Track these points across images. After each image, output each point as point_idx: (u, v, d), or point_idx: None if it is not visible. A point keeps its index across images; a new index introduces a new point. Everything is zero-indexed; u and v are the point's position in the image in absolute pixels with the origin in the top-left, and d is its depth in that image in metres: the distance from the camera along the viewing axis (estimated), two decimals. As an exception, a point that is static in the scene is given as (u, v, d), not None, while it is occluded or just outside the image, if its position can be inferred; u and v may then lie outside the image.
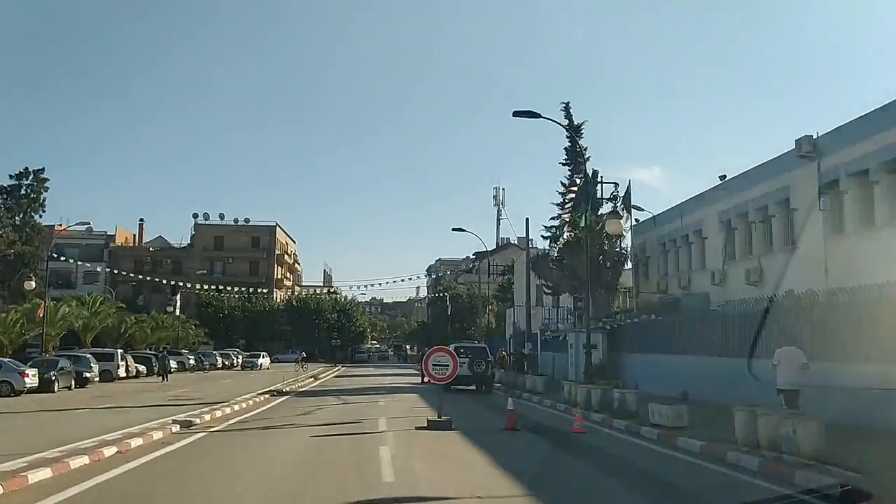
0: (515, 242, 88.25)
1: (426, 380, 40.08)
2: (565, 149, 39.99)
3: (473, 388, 30.89)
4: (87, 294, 55.09)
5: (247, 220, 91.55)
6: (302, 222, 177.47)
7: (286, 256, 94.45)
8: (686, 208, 33.32)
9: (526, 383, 29.80)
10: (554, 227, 40.04)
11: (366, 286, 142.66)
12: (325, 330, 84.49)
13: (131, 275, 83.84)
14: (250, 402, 23.71)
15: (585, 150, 39.42)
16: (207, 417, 18.54)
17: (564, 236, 38.81)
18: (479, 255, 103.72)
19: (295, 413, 20.84)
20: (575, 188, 38.39)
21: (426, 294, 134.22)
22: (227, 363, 64.05)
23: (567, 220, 36.70)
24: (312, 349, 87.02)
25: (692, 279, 32.08)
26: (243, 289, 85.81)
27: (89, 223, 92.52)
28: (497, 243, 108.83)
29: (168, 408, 21.85)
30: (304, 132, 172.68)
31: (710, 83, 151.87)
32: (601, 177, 37.33)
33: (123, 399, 27.34)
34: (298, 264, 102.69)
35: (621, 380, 25.53)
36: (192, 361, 58.66)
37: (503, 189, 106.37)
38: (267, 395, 26.87)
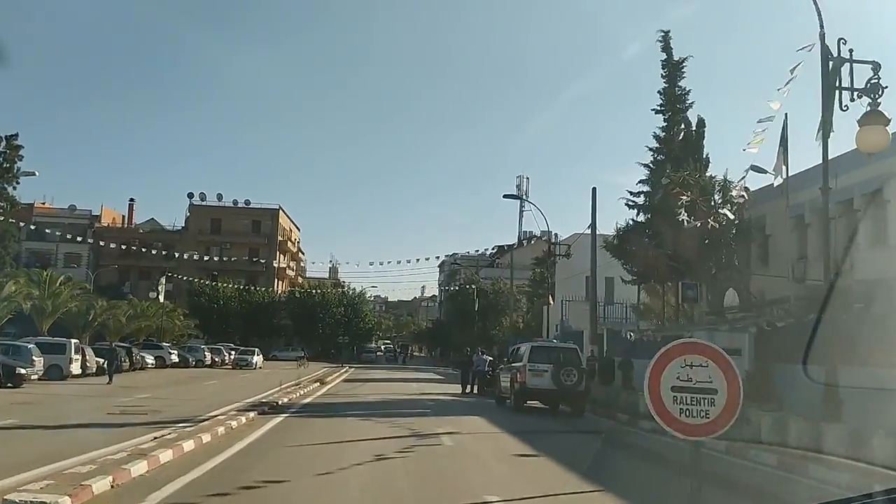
0: (538, 235, 79.03)
1: (469, 389, 31.15)
2: (659, 91, 30.70)
3: (553, 406, 21.40)
4: (44, 271, 45.37)
5: (247, 203, 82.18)
6: (307, 217, 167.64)
7: (289, 244, 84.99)
8: (848, 164, 23.47)
9: (639, 405, 19.87)
10: (643, 192, 30.45)
11: (373, 285, 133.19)
12: (331, 326, 75.02)
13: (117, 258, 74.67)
14: (221, 429, 14.06)
15: (687, 92, 30.13)
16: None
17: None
18: (501, 249, 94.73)
19: (301, 473, 10.25)
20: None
21: (437, 291, 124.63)
22: (217, 360, 54.65)
23: (666, 179, 26.98)
24: (315, 347, 77.82)
25: (858, 260, 22.31)
26: (241, 279, 76.59)
27: (74, 205, 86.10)
28: (519, 237, 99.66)
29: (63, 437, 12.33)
30: (308, 126, 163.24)
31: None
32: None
33: (29, 413, 17.87)
34: (302, 253, 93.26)
35: (779, 401, 16.64)
36: (174, 357, 49.16)
37: (527, 178, 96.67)
38: (254, 414, 17.21)
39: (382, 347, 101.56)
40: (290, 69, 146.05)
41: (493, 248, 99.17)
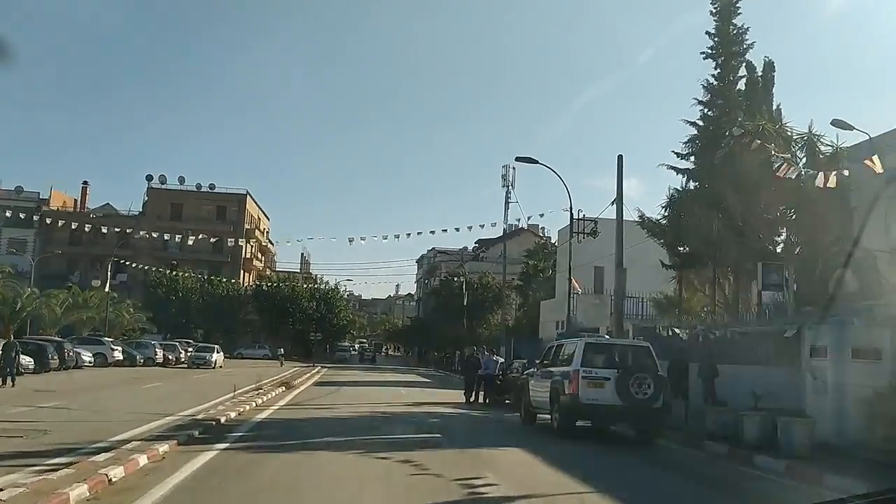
0: (526, 228, 73.04)
1: (473, 397, 24.39)
2: (709, 32, 24.68)
3: (614, 428, 15.19)
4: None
5: (212, 187, 75.08)
6: (277, 209, 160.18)
7: (258, 233, 77.94)
8: None
9: (744, 429, 13.38)
10: (691, 152, 24.40)
11: (348, 279, 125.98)
12: (302, 322, 68.22)
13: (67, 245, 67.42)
14: (82, 490, 7.52)
15: (745, 30, 24.14)
16: None
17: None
18: (485, 243, 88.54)
19: None
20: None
21: (415, 288, 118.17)
22: (171, 358, 47.69)
23: (738, 128, 20.83)
24: (285, 345, 70.93)
25: None
26: (203, 270, 69.63)
27: (21, 186, 78.49)
28: (504, 230, 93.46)
29: None
30: (283, 120, 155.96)
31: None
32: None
33: None
34: (272, 244, 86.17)
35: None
36: (117, 354, 42.20)
37: (513, 168, 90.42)
38: (168, 446, 10.69)
39: (356, 346, 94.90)
40: (270, 60, 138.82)
41: (475, 243, 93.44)
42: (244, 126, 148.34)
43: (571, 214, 27.75)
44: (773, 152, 18.68)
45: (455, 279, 64.44)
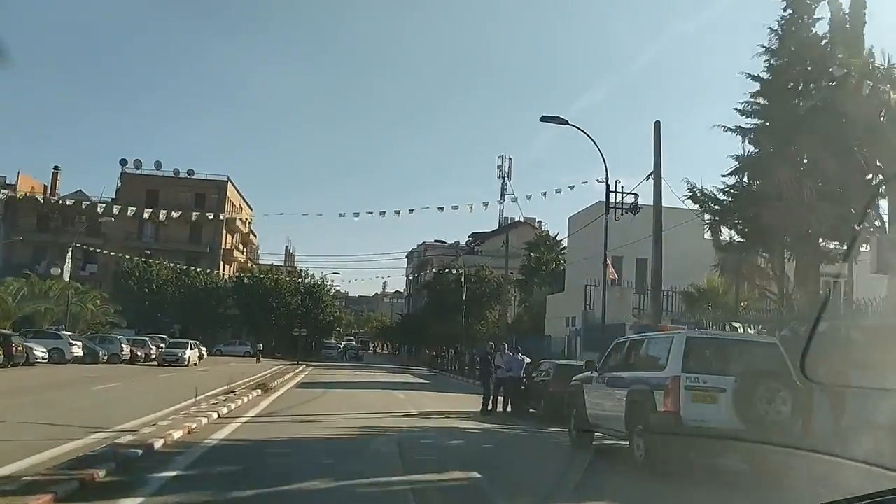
0: (522, 220, 68.66)
1: (492, 404, 19.08)
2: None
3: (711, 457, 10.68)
4: None
5: (190, 173, 70.15)
6: (262, 202, 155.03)
7: (239, 223, 73.06)
8: None
9: None
10: (753, 111, 20.03)
11: (335, 272, 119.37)
12: (286, 317, 63.43)
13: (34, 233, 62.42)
14: None
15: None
16: None
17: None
18: (478, 237, 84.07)
19: None
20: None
21: (405, 284, 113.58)
22: (139, 354, 42.94)
23: (840, 69, 16.43)
24: (268, 341, 66.36)
25: None
26: (180, 260, 64.75)
27: None
28: (500, 222, 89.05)
29: None
30: (266, 107, 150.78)
31: None
32: None
33: None
34: (254, 236, 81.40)
35: None
36: (76, 350, 37.43)
37: (510, 158, 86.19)
38: (43, 502, 6.12)
39: (342, 344, 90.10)
40: (257, 49, 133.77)
41: (469, 237, 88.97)
42: (227, 115, 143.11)
43: (607, 184, 23.14)
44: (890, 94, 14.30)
45: (451, 272, 59.92)
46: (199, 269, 63.40)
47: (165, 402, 17.25)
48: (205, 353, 50.00)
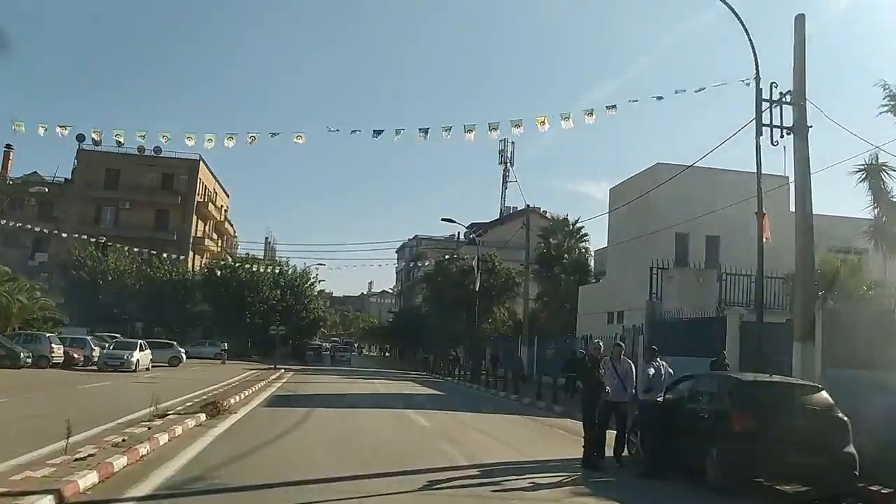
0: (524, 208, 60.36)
1: (604, 446, 9.41)
2: None
3: None
4: None
5: (157, 151, 61.04)
6: (242, 195, 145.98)
7: (212, 208, 64.14)
8: None
9: None
10: None
11: (320, 263, 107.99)
12: (263, 314, 54.67)
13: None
14: None
15: None
16: None
17: None
18: (478, 227, 75.69)
19: None
20: None
21: (395, 279, 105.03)
22: (76, 357, 34.23)
23: None
24: (243, 341, 57.75)
25: None
26: (144, 249, 55.87)
27: None
28: (501, 211, 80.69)
29: None
30: (246, 84, 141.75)
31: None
32: None
33: None
34: (231, 225, 72.47)
35: None
36: (-15, 351, 28.73)
37: (512, 143, 77.82)
38: None
39: (328, 345, 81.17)
40: (236, 24, 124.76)
41: (467, 228, 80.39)
42: (206, 94, 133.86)
43: (759, 85, 14.63)
44: None
45: (457, 260, 51.43)
46: (164, 257, 54.55)
47: (29, 443, 8.94)
48: (184, 357, 41.71)
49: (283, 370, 39.64)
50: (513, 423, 17.77)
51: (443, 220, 36.75)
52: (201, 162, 61.33)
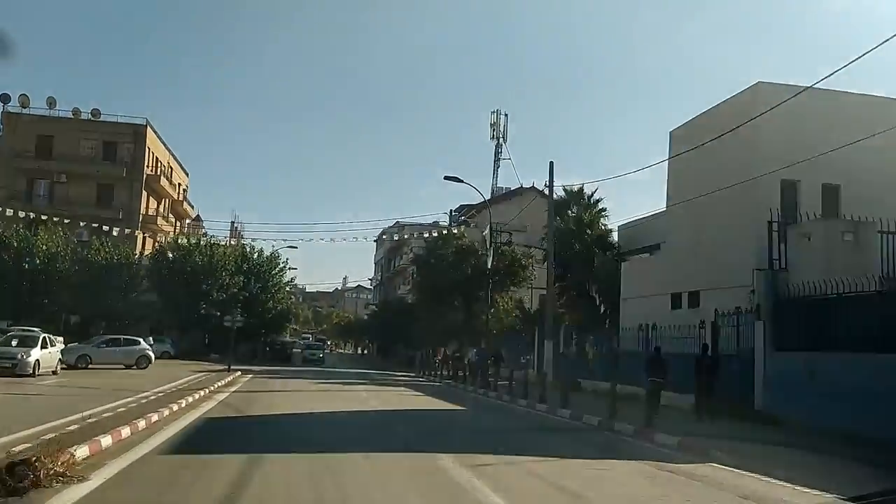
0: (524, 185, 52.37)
1: None
2: None
3: None
4: None
5: (96, 114, 51.86)
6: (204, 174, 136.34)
7: (165, 183, 54.74)
8: None
9: None
10: None
11: (291, 245, 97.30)
12: (223, 305, 45.46)
13: None
14: None
15: None
16: None
17: None
18: (467, 210, 67.27)
19: None
20: None
21: (374, 271, 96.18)
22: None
23: None
24: (197, 335, 49.00)
25: None
26: (82, 231, 46.80)
27: None
28: (492, 191, 72.15)
29: None
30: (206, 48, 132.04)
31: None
32: None
33: None
34: (189, 205, 62.93)
35: None
36: None
37: (505, 115, 69.43)
38: None
39: (299, 341, 71.88)
40: None
41: (455, 211, 71.91)
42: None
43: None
44: None
45: (452, 239, 42.72)
46: (105, 238, 45.39)
47: None
48: (152, 357, 32.79)
49: (239, 372, 30.86)
50: (670, 486, 9.16)
51: (446, 177, 28.06)
52: (149, 127, 52.00)
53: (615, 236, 37.02)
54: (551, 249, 29.89)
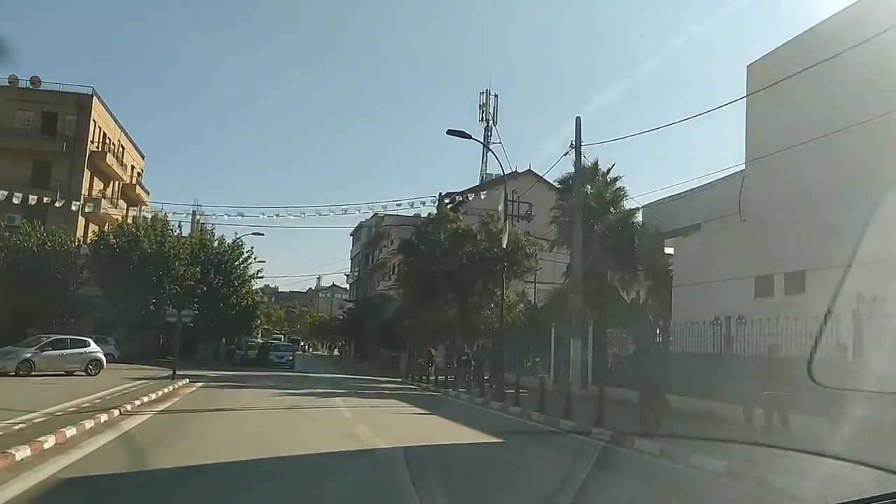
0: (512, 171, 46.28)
1: None
2: None
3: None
4: None
5: (34, 83, 44.77)
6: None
7: (113, 162, 47.64)
8: None
9: None
10: None
11: (257, 233, 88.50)
12: (178, 299, 38.59)
13: None
14: None
15: None
16: None
17: None
18: (451, 195, 60.78)
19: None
20: None
21: (351, 266, 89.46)
22: None
23: None
24: (148, 335, 42.35)
25: None
26: (12, 213, 40.13)
27: None
28: (481, 176, 65.92)
29: None
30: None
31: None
32: None
33: None
34: (144, 190, 55.68)
35: None
36: None
37: (495, 95, 63.29)
38: None
39: (270, 342, 64.96)
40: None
41: (442, 198, 65.35)
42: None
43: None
44: None
45: (446, 222, 36.23)
46: (37, 221, 38.57)
47: None
48: (103, 360, 27.46)
49: (186, 380, 24.24)
50: None
51: (449, 132, 21.59)
52: (95, 97, 44.99)
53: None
54: (579, 219, 23.80)
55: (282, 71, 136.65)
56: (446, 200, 53.70)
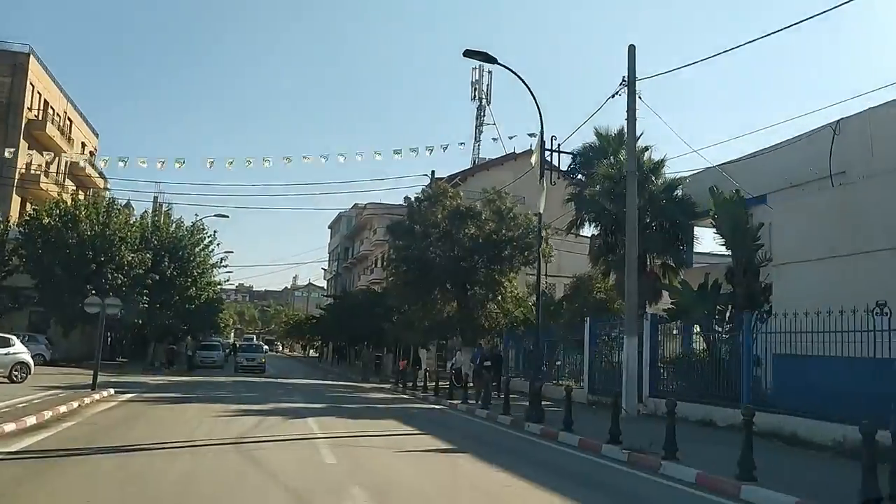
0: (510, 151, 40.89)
1: None
2: None
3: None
4: None
5: (-38, 38, 38.17)
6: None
7: (56, 135, 40.94)
8: None
9: None
10: None
11: (221, 215, 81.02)
12: (125, 290, 32.17)
13: None
14: None
15: None
16: None
17: None
18: (444, 180, 54.90)
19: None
20: None
21: (329, 261, 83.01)
22: None
23: None
24: (94, 332, 35.68)
25: None
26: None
27: None
28: (474, 161, 59.88)
29: None
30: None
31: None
32: None
33: None
34: (103, 178, 48.62)
35: None
36: None
37: (489, 73, 57.39)
38: None
39: (238, 343, 58.83)
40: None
41: (430, 184, 59.42)
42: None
43: None
44: None
45: (444, 198, 30.18)
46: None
47: None
48: (30, 363, 21.88)
49: (110, 391, 18.16)
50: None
51: (466, 53, 15.49)
52: (32, 56, 38.46)
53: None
54: (633, 180, 18.08)
55: (269, 57, 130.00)
56: (434, 184, 47.39)
